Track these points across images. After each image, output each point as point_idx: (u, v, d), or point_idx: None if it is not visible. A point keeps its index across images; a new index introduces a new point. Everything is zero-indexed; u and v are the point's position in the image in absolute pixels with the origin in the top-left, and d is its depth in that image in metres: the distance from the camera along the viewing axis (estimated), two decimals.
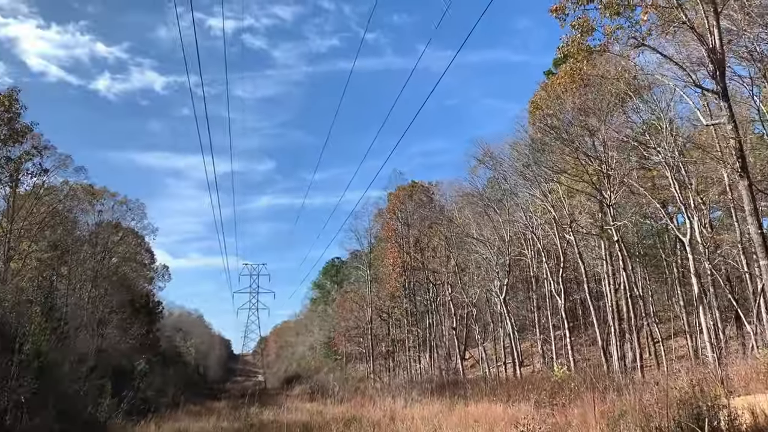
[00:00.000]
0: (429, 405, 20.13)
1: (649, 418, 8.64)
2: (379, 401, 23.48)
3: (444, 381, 30.53)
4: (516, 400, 16.95)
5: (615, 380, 16.38)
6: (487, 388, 22.82)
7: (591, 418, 11.33)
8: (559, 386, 16.96)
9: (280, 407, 25.08)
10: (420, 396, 23.76)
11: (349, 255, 59.89)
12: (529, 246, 34.56)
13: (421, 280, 45.91)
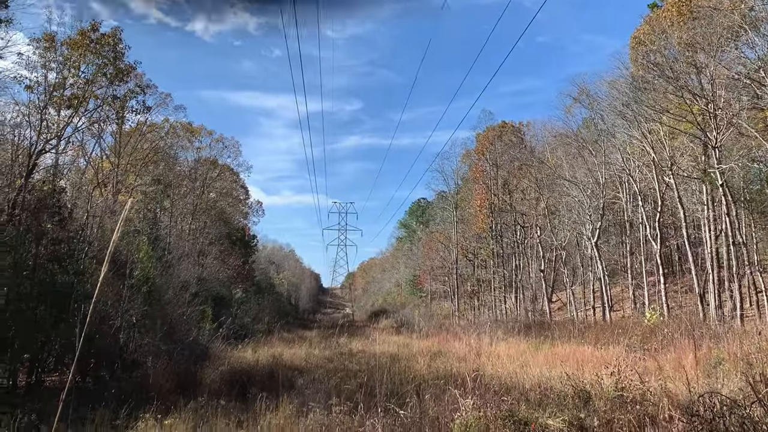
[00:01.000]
0: (515, 344, 20.32)
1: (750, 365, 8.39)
2: (464, 338, 23.90)
3: (530, 322, 30.57)
4: (605, 343, 16.80)
5: (712, 328, 15.87)
6: (574, 330, 22.68)
7: (685, 364, 11.13)
8: (651, 332, 16.63)
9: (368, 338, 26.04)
10: (505, 335, 23.97)
11: (436, 196, 59.98)
12: (625, 189, 33.33)
13: (509, 222, 45.44)
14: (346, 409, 9.00)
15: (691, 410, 6.44)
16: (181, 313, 22.03)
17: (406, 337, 29.19)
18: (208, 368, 17.11)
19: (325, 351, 22.03)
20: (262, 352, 21.36)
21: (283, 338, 29.24)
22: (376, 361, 16.96)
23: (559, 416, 8.82)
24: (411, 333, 31.94)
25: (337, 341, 24.27)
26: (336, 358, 19.58)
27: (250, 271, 47.64)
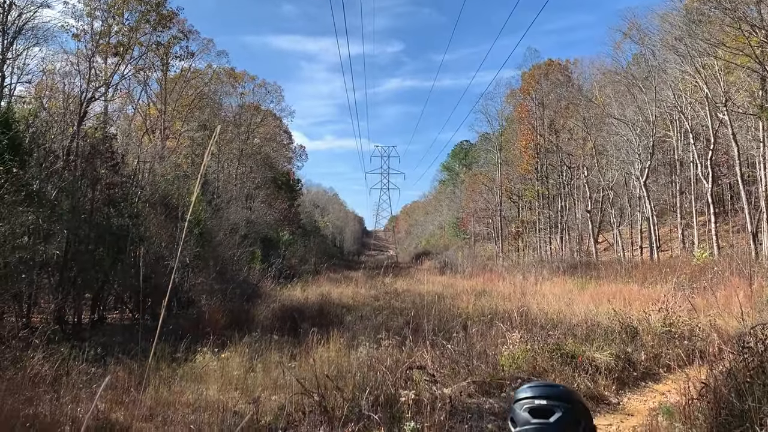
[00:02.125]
0: (560, 283, 20.40)
1: None
2: (508, 278, 24.06)
3: (576, 262, 30.49)
4: (652, 282, 16.73)
5: (765, 266, 15.61)
6: (621, 269, 22.58)
7: (735, 302, 11.06)
8: (701, 270, 16.47)
9: (412, 279, 26.46)
10: (550, 275, 24.02)
11: (479, 137, 59.27)
12: (675, 127, 32.34)
13: (555, 162, 44.74)
14: (395, 342, 9.28)
15: (742, 343, 6.48)
16: (232, 254, 22.75)
17: (449, 277, 29.53)
18: (259, 306, 17.78)
19: (371, 290, 22.53)
20: (310, 291, 21.99)
21: (330, 278, 29.94)
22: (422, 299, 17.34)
23: (606, 350, 8.99)
24: (455, 274, 32.27)
25: (383, 281, 24.74)
26: (382, 297, 20.03)
27: (296, 214, 48.48)
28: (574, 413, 1.82)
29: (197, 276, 19.02)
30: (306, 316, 15.06)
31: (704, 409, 5.84)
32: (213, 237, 21.40)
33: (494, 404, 6.90)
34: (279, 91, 48.43)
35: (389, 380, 6.92)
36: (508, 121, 53.67)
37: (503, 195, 51.30)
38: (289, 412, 6.27)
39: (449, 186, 74.83)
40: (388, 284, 23.54)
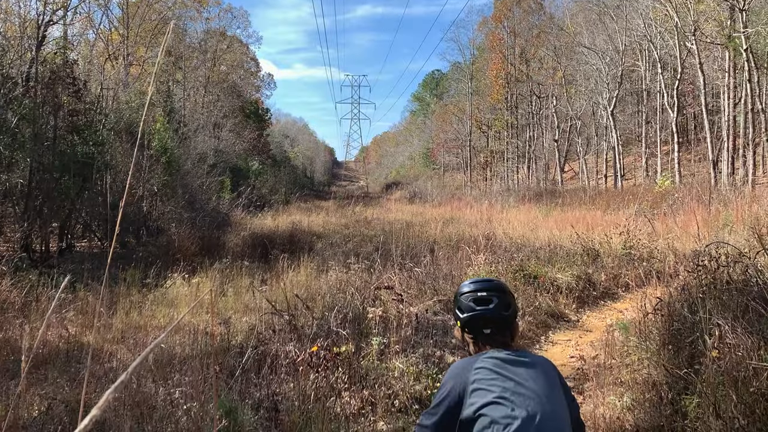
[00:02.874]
0: (526, 211, 20.79)
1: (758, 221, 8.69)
2: (476, 206, 24.41)
3: (541, 190, 31.00)
4: (615, 208, 17.17)
5: (722, 193, 16.12)
6: (585, 197, 23.07)
7: (693, 226, 11.47)
8: (662, 197, 16.94)
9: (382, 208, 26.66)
10: (517, 203, 24.43)
11: (450, 67, 58.67)
12: (644, 57, 32.43)
13: (524, 92, 44.68)
14: (364, 267, 9.46)
15: (697, 261, 6.78)
16: (201, 183, 22.59)
17: (419, 206, 29.81)
18: (230, 233, 17.82)
19: (342, 219, 22.68)
20: (281, 219, 22.05)
21: (300, 208, 30.00)
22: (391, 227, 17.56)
23: (568, 271, 9.32)
24: (424, 203, 32.58)
25: (353, 210, 24.89)
26: (352, 225, 20.20)
27: (266, 144, 47.94)
28: (506, 300, 2.39)
29: (166, 205, 18.93)
30: (276, 243, 15.16)
31: (658, 322, 6.16)
32: (181, 166, 21.14)
33: None
34: (246, 17, 47.17)
35: (358, 300, 7.12)
36: (480, 50, 53.10)
37: (473, 125, 51.29)
38: (259, 332, 6.43)
39: (420, 116, 74.44)
40: (358, 213, 23.70)
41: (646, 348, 5.74)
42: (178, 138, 22.84)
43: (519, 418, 1.98)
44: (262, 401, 4.74)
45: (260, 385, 5.04)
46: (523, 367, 2.17)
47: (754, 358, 4.14)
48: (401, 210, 26.25)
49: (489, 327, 2.34)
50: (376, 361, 5.59)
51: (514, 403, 2.03)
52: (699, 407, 4.23)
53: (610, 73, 32.59)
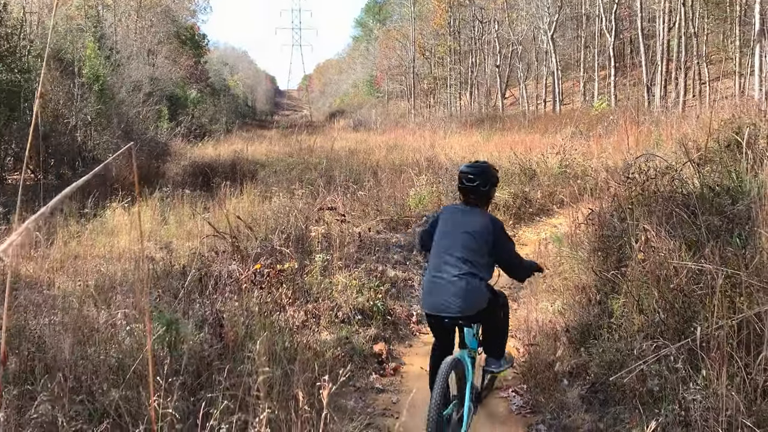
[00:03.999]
0: (468, 136, 21.01)
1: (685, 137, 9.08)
2: (419, 132, 24.52)
3: (483, 116, 31.27)
4: (553, 131, 17.55)
5: (655, 115, 16.66)
6: (525, 121, 23.46)
7: (625, 145, 11.89)
8: (598, 120, 17.38)
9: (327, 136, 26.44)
10: (459, 129, 24.62)
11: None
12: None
13: (467, 17, 44.17)
14: (308, 192, 9.48)
15: (626, 174, 7.08)
16: (137, 112, 21.80)
17: (363, 134, 29.66)
18: (169, 163, 17.43)
19: (285, 148, 22.42)
20: (222, 148, 21.66)
21: (242, 137, 29.43)
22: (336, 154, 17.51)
23: (506, 189, 9.58)
24: (368, 131, 32.42)
25: (297, 139, 24.61)
26: (296, 153, 20.02)
27: (204, 71, 46.28)
28: (484, 179, 3.79)
29: (101, 135, 18.27)
30: (218, 171, 14.96)
31: (589, 232, 6.48)
32: (115, 94, 20.28)
33: (400, 238, 7.36)
34: None
35: (301, 221, 7.18)
36: None
37: (417, 51, 50.67)
38: (202, 255, 6.44)
39: (363, 43, 72.86)
40: (302, 141, 23.45)
41: (578, 256, 6.05)
42: (110, 65, 21.81)
43: (437, 245, 3.73)
44: (206, 319, 4.81)
45: (204, 304, 5.10)
46: (460, 216, 3.79)
47: (675, 259, 4.43)
48: (345, 138, 26.08)
49: (469, 194, 3.81)
50: (320, 276, 5.72)
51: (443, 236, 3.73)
52: (624, 306, 4.54)
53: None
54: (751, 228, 4.71)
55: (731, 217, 5.17)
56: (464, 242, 3.60)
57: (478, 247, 3.60)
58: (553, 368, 4.43)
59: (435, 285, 3.59)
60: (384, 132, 29.44)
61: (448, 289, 3.53)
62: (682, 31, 23.62)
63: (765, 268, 4.02)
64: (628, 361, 3.77)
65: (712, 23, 27.96)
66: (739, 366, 3.21)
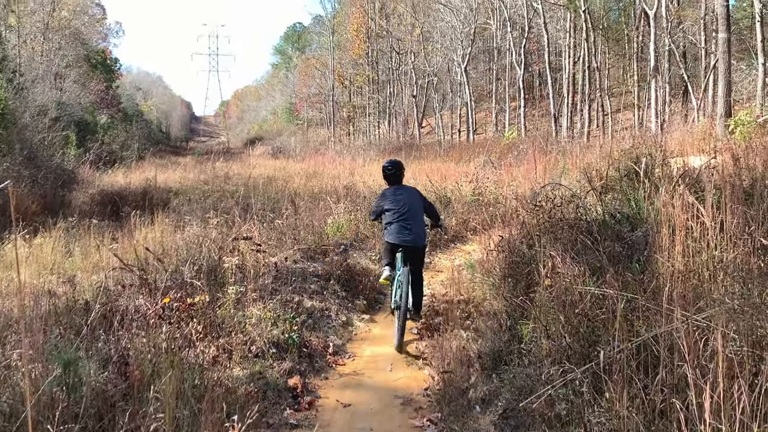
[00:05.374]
0: None
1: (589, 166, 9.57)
2: (339, 160, 24.59)
3: (401, 144, 31.80)
4: (467, 160, 18.08)
5: (561, 144, 17.47)
6: (441, 150, 24.04)
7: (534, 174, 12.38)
8: (509, 149, 18.05)
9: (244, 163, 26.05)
10: (378, 156, 24.88)
11: (312, 20, 57.75)
12: (496, 16, 33.87)
13: (385, 48, 45.08)
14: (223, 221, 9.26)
15: (534, 202, 7.35)
16: (42, 138, 20.75)
17: (282, 161, 29.44)
18: (76, 192, 16.63)
19: (201, 175, 21.89)
20: (133, 176, 20.89)
21: (156, 164, 28.50)
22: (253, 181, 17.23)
23: None
24: (287, 158, 32.22)
25: (213, 166, 24.09)
26: (212, 181, 19.59)
27: (115, 96, 44.76)
28: (399, 171, 6.36)
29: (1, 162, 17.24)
30: (129, 200, 14.39)
31: (500, 259, 6.66)
32: (17, 119, 19.24)
33: (318, 267, 7.29)
34: None
35: (215, 252, 6.99)
36: (341, 4, 52.74)
37: (336, 80, 51.11)
38: (108, 288, 6.14)
39: (282, 70, 72.78)
40: (219, 169, 22.98)
41: (490, 282, 6.20)
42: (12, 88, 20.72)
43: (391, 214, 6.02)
44: (111, 357, 4.57)
45: (109, 341, 4.85)
46: (399, 192, 6.18)
47: (580, 284, 4.59)
48: (264, 165, 25.80)
49: (391, 177, 6.30)
50: (233, 309, 5.57)
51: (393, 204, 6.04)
52: (533, 331, 4.66)
53: (464, 31, 33.73)
54: (649, 253, 4.96)
55: (630, 243, 5.43)
56: (411, 205, 6.09)
57: (417, 206, 6.18)
58: (466, 395, 4.48)
59: (401, 229, 5.99)
60: (303, 159, 29.33)
61: (414, 231, 6.02)
62: (586, 65, 25.02)
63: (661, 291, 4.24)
64: (537, 386, 3.85)
65: (613, 58, 29.80)
66: (639, 388, 3.34)
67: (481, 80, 40.04)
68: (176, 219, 10.49)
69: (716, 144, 11.08)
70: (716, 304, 3.67)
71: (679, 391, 3.18)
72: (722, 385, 2.76)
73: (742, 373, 2.82)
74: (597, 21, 26.93)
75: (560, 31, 28.93)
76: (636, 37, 26.22)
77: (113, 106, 42.10)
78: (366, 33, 46.22)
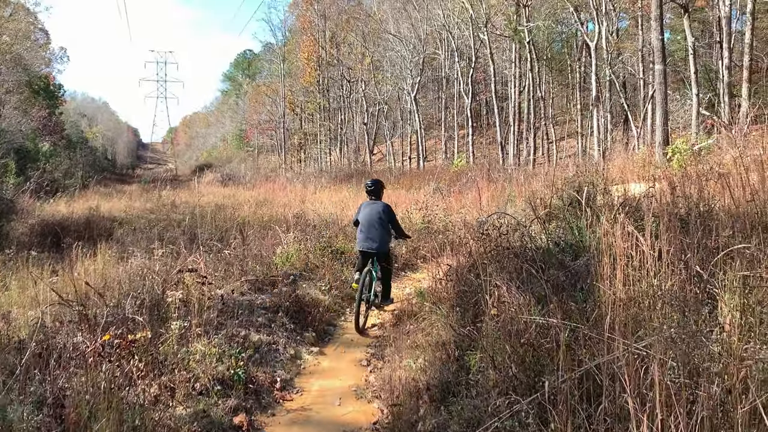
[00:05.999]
0: (337, 191, 21.25)
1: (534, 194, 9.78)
2: (290, 187, 24.46)
3: (352, 171, 31.88)
4: (417, 187, 18.23)
5: (508, 171, 17.83)
6: (391, 177, 24.17)
7: (483, 200, 12.58)
8: (457, 176, 18.30)
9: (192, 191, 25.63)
10: (329, 183, 24.88)
11: (263, 47, 57.79)
12: (444, 46, 34.59)
13: (336, 76, 45.40)
14: (169, 251, 9.04)
15: (481, 231, 7.43)
16: None
17: (232, 189, 29.08)
18: (15, 222, 15.99)
19: (147, 204, 21.41)
20: (77, 205, 20.26)
21: (100, 192, 27.76)
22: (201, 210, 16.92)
23: None
24: (237, 185, 31.86)
25: (159, 194, 23.60)
26: (158, 210, 19.18)
27: (59, 123, 43.56)
28: (377, 187, 7.68)
29: None
30: (71, 231, 13.94)
31: (449, 288, 6.68)
32: None
33: (266, 299, 7.17)
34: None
35: (158, 285, 6.80)
36: (292, 32, 52.97)
37: (287, 107, 51.10)
38: (45, 325, 5.89)
39: (232, 97, 72.35)
40: (166, 197, 22.52)
41: (438, 311, 6.20)
42: None
43: (362, 225, 7.33)
44: (46, 398, 4.36)
45: (44, 382, 4.63)
46: (368, 207, 7.42)
47: (525, 313, 4.64)
48: (213, 193, 25.44)
49: (371, 193, 7.55)
50: (176, 345, 5.41)
51: (362, 220, 7.36)
52: (481, 361, 4.66)
53: (414, 60, 34.31)
54: (591, 282, 5.06)
55: (574, 271, 5.53)
56: (378, 217, 7.31)
57: (380, 220, 7.30)
58: (415, 428, 4.44)
59: (365, 237, 7.32)
60: (254, 187, 29.05)
61: (376, 240, 7.28)
62: (531, 94, 25.73)
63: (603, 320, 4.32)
64: (485, 417, 3.85)
65: (556, 88, 30.75)
66: (583, 417, 3.37)
67: (430, 108, 40.72)
68: (120, 250, 10.18)
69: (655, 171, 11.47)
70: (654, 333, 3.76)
71: (622, 419, 3.22)
72: (660, 415, 2.81)
73: (679, 401, 2.88)
74: (541, 52, 27.81)
75: (506, 62, 29.75)
76: (578, 68, 27.17)
77: (56, 132, 40.95)
78: (317, 61, 46.51)
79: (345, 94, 44.53)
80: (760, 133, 12.32)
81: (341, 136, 44.59)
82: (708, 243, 4.80)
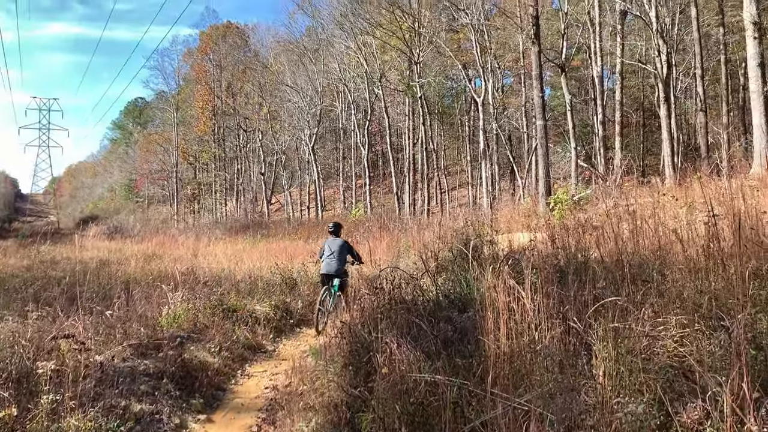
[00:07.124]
0: (232, 243, 20.76)
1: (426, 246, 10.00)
2: (182, 240, 23.61)
3: (249, 222, 31.34)
4: (316, 238, 18.17)
5: (404, 221, 18.18)
6: (289, 228, 23.99)
7: (379, 250, 12.69)
8: (356, 226, 18.42)
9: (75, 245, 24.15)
10: (224, 235, 24.28)
11: (155, 96, 56.34)
12: (341, 98, 35.27)
13: (232, 125, 44.97)
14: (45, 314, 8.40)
15: (375, 285, 7.46)
16: None
17: (119, 242, 27.62)
18: None
19: (23, 260, 19.88)
20: None
21: None
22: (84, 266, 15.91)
23: (267, 302, 9.52)
24: (125, 239, 30.35)
25: (38, 250, 22.03)
26: (36, 267, 17.85)
27: None
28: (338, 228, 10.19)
29: None
30: None
31: (342, 345, 6.61)
32: None
33: (150, 365, 6.79)
34: None
35: (28, 354, 6.27)
36: (186, 81, 52.15)
37: (180, 156, 49.80)
38: None
39: (122, 145, 69.62)
40: (45, 252, 21.04)
41: (331, 370, 6.10)
42: None
43: (325, 255, 9.60)
44: None
45: None
46: (334, 243, 9.69)
47: (415, 371, 4.64)
48: (98, 247, 24.02)
49: (333, 233, 9.90)
50: (46, 422, 4.97)
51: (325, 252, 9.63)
52: (372, 422, 4.60)
53: (311, 111, 34.67)
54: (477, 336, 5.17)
55: (460, 326, 5.64)
56: (339, 249, 9.47)
57: (342, 252, 9.47)
58: None
59: (328, 264, 9.38)
60: (143, 239, 27.78)
61: (333, 265, 9.32)
62: (424, 146, 26.61)
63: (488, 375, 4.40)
64: None
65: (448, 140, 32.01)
66: None
67: (328, 158, 41.10)
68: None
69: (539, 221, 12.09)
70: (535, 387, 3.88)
71: None
72: None
73: None
74: (433, 106, 28.97)
75: (400, 114, 30.73)
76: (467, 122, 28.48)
77: None
78: (212, 110, 45.93)
79: (241, 144, 44.11)
80: (631, 184, 13.35)
81: (237, 185, 43.91)
82: (583, 295, 5.04)
